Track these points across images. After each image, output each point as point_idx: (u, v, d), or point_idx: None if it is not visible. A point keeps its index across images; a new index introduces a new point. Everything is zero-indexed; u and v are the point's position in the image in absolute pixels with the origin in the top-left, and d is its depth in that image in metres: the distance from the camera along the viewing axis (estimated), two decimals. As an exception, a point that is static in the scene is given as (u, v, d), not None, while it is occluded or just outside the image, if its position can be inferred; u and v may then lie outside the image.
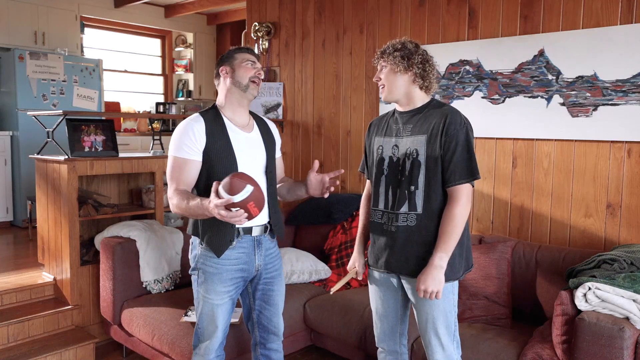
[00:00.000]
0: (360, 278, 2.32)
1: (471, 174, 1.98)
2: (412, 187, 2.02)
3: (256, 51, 2.26)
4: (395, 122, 2.13)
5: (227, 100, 2.19)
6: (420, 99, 2.09)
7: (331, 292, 2.27)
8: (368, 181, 2.29)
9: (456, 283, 2.09)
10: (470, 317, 2.72)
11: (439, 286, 1.94)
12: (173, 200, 2.03)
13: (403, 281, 2.10)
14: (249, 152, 2.17)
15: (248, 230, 2.15)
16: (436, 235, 2.00)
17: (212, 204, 1.79)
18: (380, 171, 2.12)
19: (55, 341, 3.10)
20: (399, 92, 2.08)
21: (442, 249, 1.95)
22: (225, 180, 1.83)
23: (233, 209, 1.78)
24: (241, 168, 2.11)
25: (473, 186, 2.02)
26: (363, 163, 2.31)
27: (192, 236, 2.20)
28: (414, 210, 2.02)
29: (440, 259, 1.94)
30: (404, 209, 2.03)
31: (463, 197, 1.96)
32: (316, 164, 2.18)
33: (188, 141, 2.07)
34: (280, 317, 2.34)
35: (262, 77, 2.21)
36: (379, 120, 2.24)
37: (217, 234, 2.10)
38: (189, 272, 2.23)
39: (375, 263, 2.16)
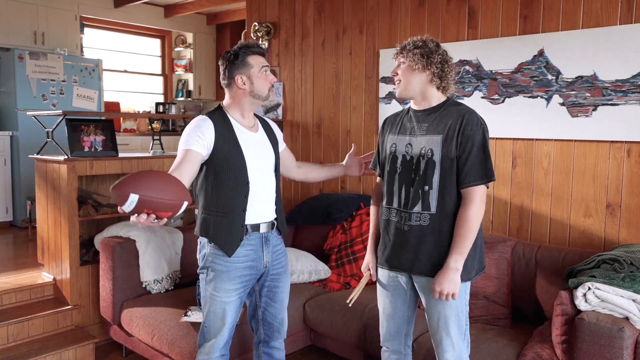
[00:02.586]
0: (375, 279, 2.29)
1: (486, 176, 1.96)
2: (427, 187, 2.01)
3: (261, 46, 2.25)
4: (409, 120, 2.12)
5: (238, 104, 2.19)
6: (436, 98, 2.08)
7: (350, 304, 2.30)
8: (379, 178, 2.28)
9: (468, 283, 2.08)
10: (470, 317, 2.72)
11: (454, 288, 1.94)
12: None
13: (414, 280, 2.10)
14: (258, 152, 2.19)
15: (256, 227, 2.17)
16: (449, 236, 1.99)
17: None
18: (394, 169, 2.11)
19: (55, 341, 3.10)
20: (415, 90, 2.07)
21: (458, 251, 1.95)
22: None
23: (132, 217, 1.70)
24: (250, 168, 2.13)
25: (488, 187, 2.01)
26: (375, 160, 2.31)
27: (199, 236, 2.21)
28: (428, 210, 2.01)
29: (456, 261, 1.94)
30: (417, 208, 2.02)
31: (477, 198, 1.95)
32: (354, 147, 2.55)
33: (194, 136, 2.07)
34: (285, 314, 2.36)
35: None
36: (394, 117, 2.23)
37: (228, 234, 2.11)
38: (197, 271, 2.23)
39: (385, 262, 2.15)
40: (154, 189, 1.68)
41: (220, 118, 2.15)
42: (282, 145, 2.38)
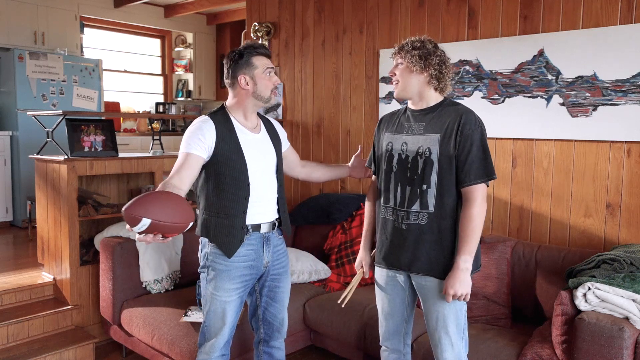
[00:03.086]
0: (367, 277, 2.31)
1: (487, 174, 1.97)
2: (424, 186, 2.01)
3: (268, 48, 2.24)
4: (407, 119, 2.13)
5: (241, 105, 2.18)
6: (434, 98, 2.09)
7: (343, 305, 2.30)
8: (374, 176, 2.28)
9: None
10: (470, 317, 2.72)
11: (467, 288, 1.95)
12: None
13: (413, 279, 2.10)
14: (259, 154, 2.18)
15: (256, 227, 2.17)
16: (448, 234, 2.00)
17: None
18: (390, 168, 2.12)
19: (55, 341, 3.10)
20: (413, 90, 2.07)
21: (465, 251, 1.95)
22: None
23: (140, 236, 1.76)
24: (251, 170, 2.13)
25: (488, 186, 2.02)
26: (370, 158, 2.31)
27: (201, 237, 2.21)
28: (426, 209, 2.02)
29: (465, 262, 1.94)
30: (416, 207, 2.03)
31: (479, 197, 1.96)
32: (360, 148, 2.48)
33: (195, 139, 2.07)
34: (286, 314, 2.37)
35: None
36: (390, 116, 2.24)
37: (228, 236, 2.11)
38: (198, 270, 2.24)
39: (383, 261, 2.15)
40: (165, 213, 1.75)
41: (222, 119, 2.14)
42: (285, 145, 2.37)
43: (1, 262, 3.96)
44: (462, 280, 1.94)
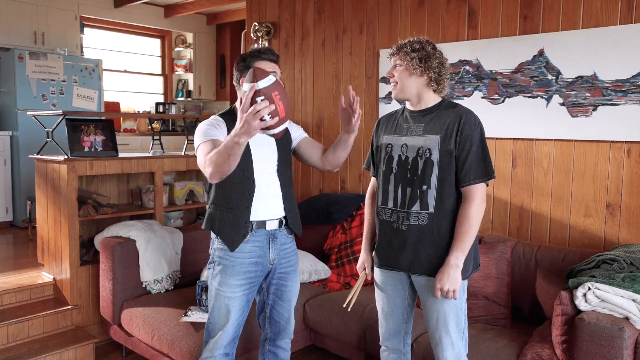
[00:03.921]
0: (369, 278, 2.32)
1: (486, 174, 1.99)
2: (425, 187, 2.02)
3: (276, 53, 2.23)
4: (405, 120, 2.13)
5: None
6: (433, 99, 2.09)
7: (349, 309, 2.30)
8: (373, 178, 2.29)
9: (466, 282, 2.09)
10: (470, 317, 2.72)
11: (455, 285, 1.95)
12: (209, 158, 1.90)
13: (413, 279, 2.10)
14: (262, 152, 2.20)
15: (262, 224, 2.19)
16: (448, 235, 2.01)
17: (238, 111, 1.73)
18: (389, 169, 2.12)
19: (55, 341, 3.10)
20: (412, 92, 2.08)
21: (458, 248, 1.96)
22: (248, 73, 1.76)
23: (258, 99, 1.68)
24: (256, 168, 2.16)
25: (487, 185, 2.03)
26: (369, 160, 2.32)
27: (210, 231, 2.24)
28: (426, 210, 2.02)
29: (457, 258, 1.95)
30: (416, 208, 2.03)
31: (477, 196, 1.97)
32: (351, 91, 1.99)
33: (213, 129, 2.11)
34: (292, 314, 2.37)
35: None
36: (388, 117, 2.24)
37: (232, 229, 2.14)
38: (206, 266, 2.26)
39: (383, 262, 2.16)
40: (284, 94, 1.79)
41: (230, 119, 2.17)
42: (301, 136, 2.34)
43: (1, 262, 3.96)
44: (451, 277, 1.95)
